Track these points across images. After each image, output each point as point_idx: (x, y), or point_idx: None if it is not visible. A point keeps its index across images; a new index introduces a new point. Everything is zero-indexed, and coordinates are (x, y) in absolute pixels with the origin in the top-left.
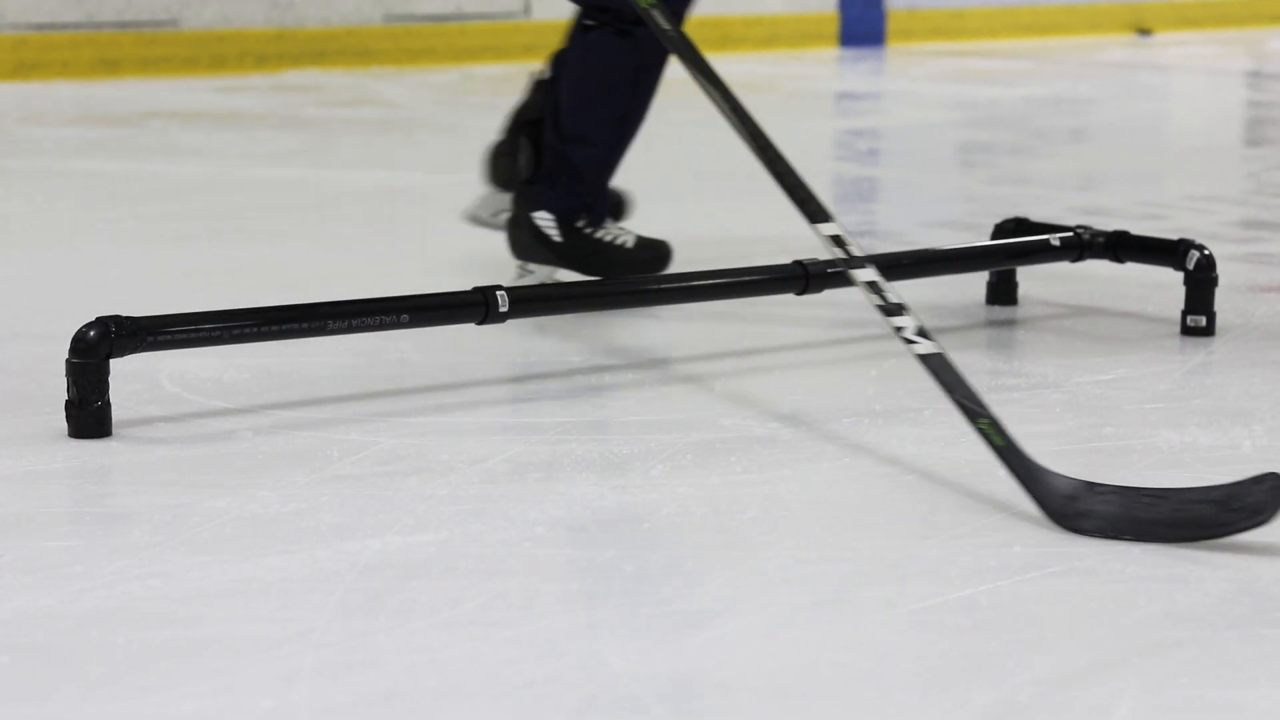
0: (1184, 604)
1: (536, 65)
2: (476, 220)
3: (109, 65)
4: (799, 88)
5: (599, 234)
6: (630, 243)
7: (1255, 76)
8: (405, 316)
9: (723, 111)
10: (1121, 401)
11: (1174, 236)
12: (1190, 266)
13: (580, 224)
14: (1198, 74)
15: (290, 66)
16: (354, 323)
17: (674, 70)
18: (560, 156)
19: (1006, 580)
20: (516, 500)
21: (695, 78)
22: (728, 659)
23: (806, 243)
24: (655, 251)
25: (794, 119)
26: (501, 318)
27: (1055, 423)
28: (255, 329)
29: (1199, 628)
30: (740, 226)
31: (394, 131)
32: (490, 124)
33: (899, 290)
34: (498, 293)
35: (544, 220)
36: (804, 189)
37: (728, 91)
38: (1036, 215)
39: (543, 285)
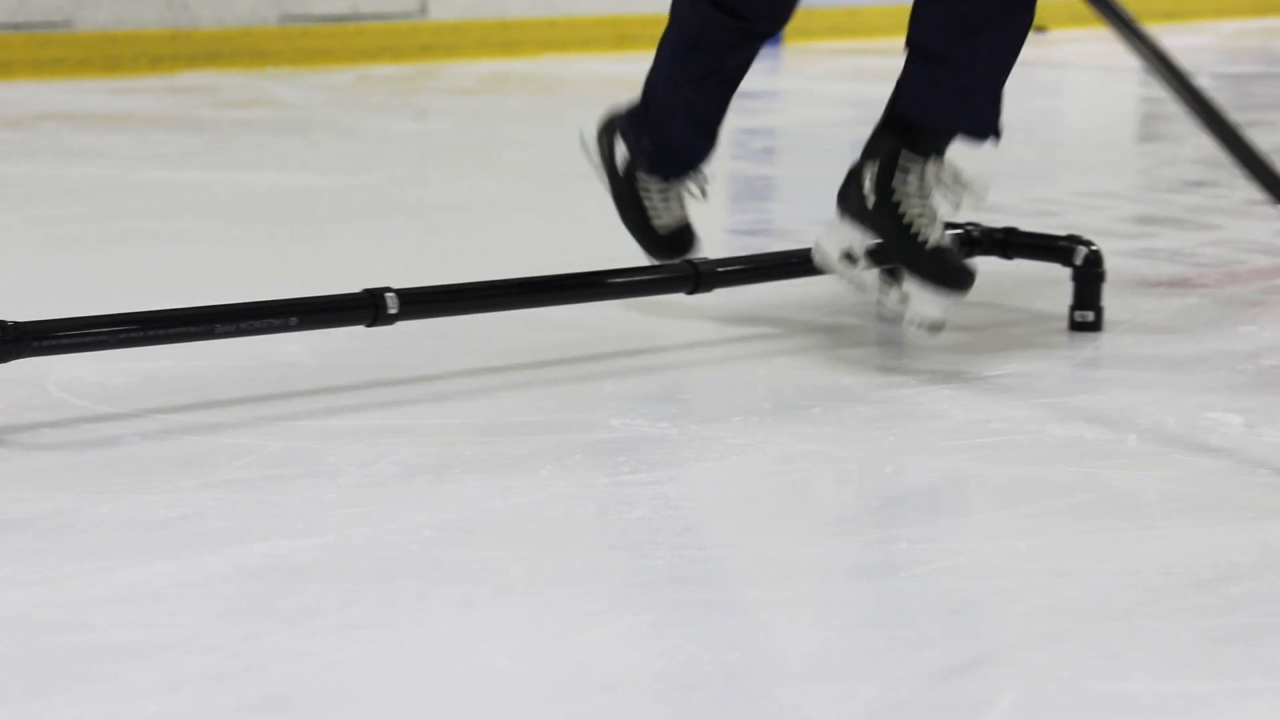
0: (1066, 597)
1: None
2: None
3: (0, 67)
4: None
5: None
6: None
7: (1149, 73)
8: (294, 319)
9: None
10: (1009, 397)
11: (1063, 233)
12: (1078, 262)
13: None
14: (1092, 70)
15: (185, 68)
16: (242, 326)
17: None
18: None
19: (891, 576)
20: (405, 503)
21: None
22: (613, 659)
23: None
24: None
25: None
26: (391, 320)
27: (943, 419)
28: (142, 333)
29: (1081, 620)
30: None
31: (290, 133)
32: (386, 125)
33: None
34: (387, 295)
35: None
36: (1266, 168)
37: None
38: None
39: (432, 287)
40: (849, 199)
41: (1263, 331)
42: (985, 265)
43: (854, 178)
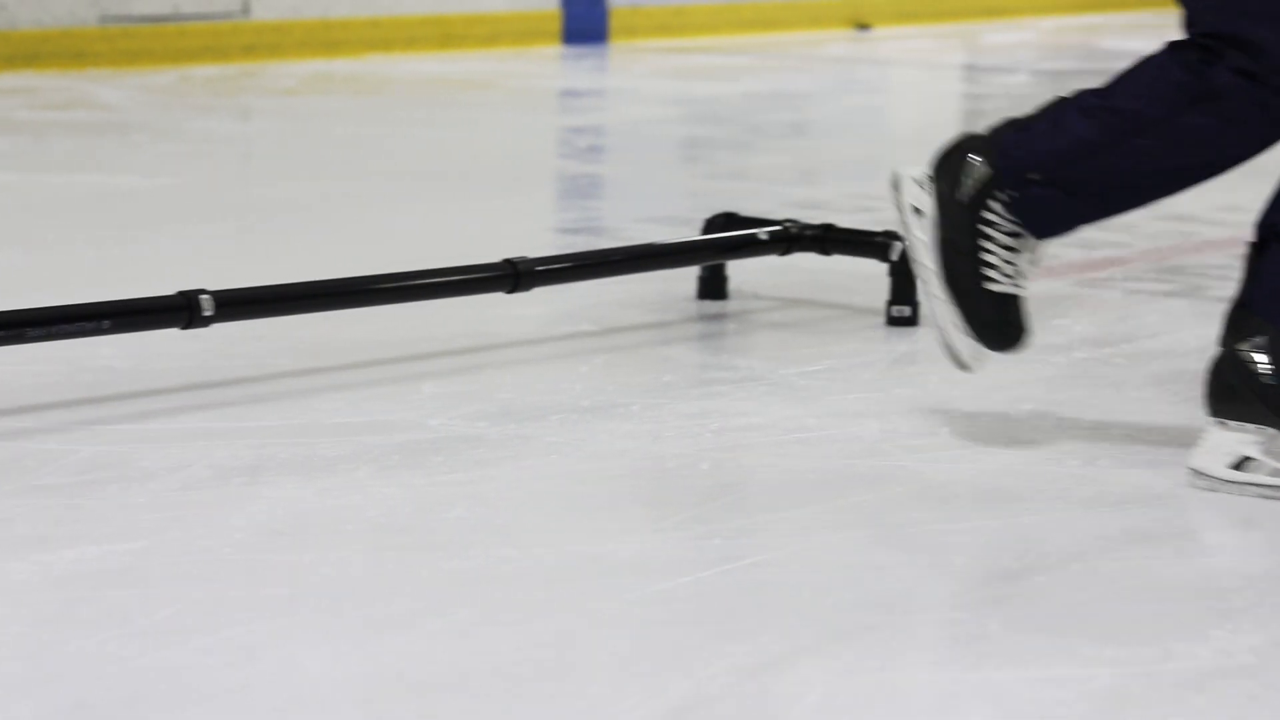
0: (876, 590)
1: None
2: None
3: None
4: (522, 85)
5: None
6: None
7: (970, 69)
8: (106, 323)
9: None
10: (825, 392)
11: (881, 229)
12: (894, 258)
13: None
14: (915, 67)
15: (2, 69)
16: (53, 330)
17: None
18: None
19: (705, 572)
20: (218, 506)
21: None
22: (426, 660)
23: (517, 242)
24: None
25: (516, 116)
26: (206, 322)
27: (761, 414)
28: None
29: (891, 613)
30: (451, 226)
31: (109, 134)
32: (208, 126)
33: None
34: (201, 296)
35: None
36: None
37: None
38: (753, 210)
39: (248, 289)
40: (1230, 396)
41: (1075, 325)
42: (804, 261)
43: (1230, 367)
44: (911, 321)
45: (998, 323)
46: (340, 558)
